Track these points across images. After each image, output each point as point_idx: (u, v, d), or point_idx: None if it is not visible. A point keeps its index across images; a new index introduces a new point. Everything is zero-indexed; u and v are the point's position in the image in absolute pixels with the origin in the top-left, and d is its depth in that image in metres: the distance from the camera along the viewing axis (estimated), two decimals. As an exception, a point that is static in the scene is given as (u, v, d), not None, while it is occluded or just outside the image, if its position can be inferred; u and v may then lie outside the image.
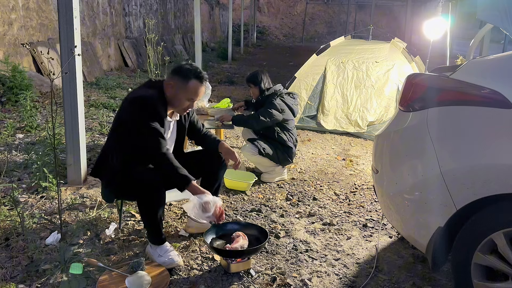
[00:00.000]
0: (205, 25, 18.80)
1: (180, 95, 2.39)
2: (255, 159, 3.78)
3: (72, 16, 3.10)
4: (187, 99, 2.41)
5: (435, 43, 6.18)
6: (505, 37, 11.72)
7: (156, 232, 2.40)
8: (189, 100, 2.42)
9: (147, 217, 2.38)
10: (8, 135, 4.45)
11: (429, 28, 5.87)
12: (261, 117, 3.67)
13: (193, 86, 2.38)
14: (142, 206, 2.36)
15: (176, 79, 2.40)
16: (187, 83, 2.37)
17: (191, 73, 2.39)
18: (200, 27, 8.64)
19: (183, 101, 2.41)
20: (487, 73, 2.02)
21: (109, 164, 2.42)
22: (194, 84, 2.38)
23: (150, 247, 2.45)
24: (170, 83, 2.40)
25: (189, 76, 2.38)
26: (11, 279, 2.20)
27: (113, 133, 2.47)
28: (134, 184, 2.30)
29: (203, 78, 2.41)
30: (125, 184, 2.38)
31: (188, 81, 2.37)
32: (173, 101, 2.42)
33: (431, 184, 1.98)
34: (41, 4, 7.16)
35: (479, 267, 1.91)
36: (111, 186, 2.46)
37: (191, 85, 2.38)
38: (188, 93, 2.39)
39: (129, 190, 2.40)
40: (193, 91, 2.39)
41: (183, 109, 2.48)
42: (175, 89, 2.39)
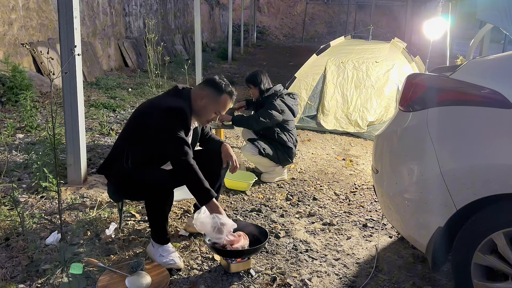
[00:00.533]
0: (205, 25, 18.80)
1: (209, 107, 2.46)
2: (255, 159, 3.78)
3: (72, 16, 3.10)
4: (215, 111, 2.48)
5: (435, 43, 6.18)
6: (505, 37, 11.72)
7: (162, 231, 2.41)
8: (216, 113, 2.49)
9: (154, 217, 2.39)
10: (8, 135, 4.45)
11: (429, 28, 5.87)
12: (261, 118, 3.67)
13: (224, 100, 2.47)
14: (151, 206, 2.37)
15: (208, 91, 2.46)
16: (220, 97, 2.45)
17: (225, 88, 2.47)
18: (200, 27, 8.64)
19: (211, 113, 2.48)
20: (487, 73, 2.02)
21: (121, 165, 2.40)
22: (225, 99, 2.47)
23: (152, 246, 2.44)
24: (203, 93, 2.45)
25: (223, 91, 2.46)
26: (11, 279, 2.20)
27: (132, 136, 2.45)
28: (145, 184, 2.31)
29: (233, 94, 2.51)
30: (134, 184, 2.38)
31: (221, 95, 2.45)
32: (201, 111, 2.47)
33: (431, 184, 1.98)
34: (41, 4, 7.16)
35: (479, 267, 1.91)
36: (119, 185, 2.46)
37: (223, 99, 2.46)
38: (218, 106, 2.47)
39: (138, 190, 2.41)
40: (223, 105, 2.48)
41: (207, 121, 2.54)
42: (206, 100, 2.44)
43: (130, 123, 2.51)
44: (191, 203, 3.17)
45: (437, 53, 9.36)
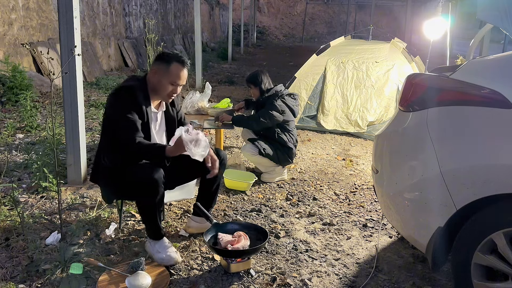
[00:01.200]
0: (205, 25, 18.81)
1: (163, 80, 2.42)
2: (255, 159, 3.78)
3: (72, 16, 3.10)
4: (170, 82, 2.43)
5: (435, 43, 6.17)
6: (505, 37, 11.72)
7: (155, 227, 2.43)
8: (172, 84, 2.44)
9: (145, 215, 2.42)
10: (8, 135, 4.45)
11: (429, 28, 5.87)
12: (261, 118, 3.67)
13: (175, 69, 2.41)
14: (141, 205, 2.40)
15: (158, 64, 2.44)
16: (169, 67, 2.41)
17: (172, 57, 2.44)
18: (200, 27, 8.66)
19: (167, 86, 2.43)
20: (487, 73, 2.02)
21: (102, 165, 2.46)
22: (175, 67, 2.42)
23: (149, 243, 2.47)
24: (154, 69, 2.45)
25: (171, 60, 2.42)
26: (11, 279, 2.20)
27: (102, 132, 2.53)
28: (131, 183, 2.31)
29: (185, 62, 2.45)
30: (122, 184, 2.39)
31: (170, 64, 2.41)
32: (157, 87, 2.45)
33: (431, 184, 1.98)
34: (41, 4, 7.16)
35: (479, 267, 1.91)
36: (109, 186, 2.48)
37: (173, 68, 2.41)
38: (170, 76, 2.42)
39: (127, 190, 2.42)
40: (175, 74, 2.42)
41: (167, 95, 2.48)
42: (158, 74, 2.43)
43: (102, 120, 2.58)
44: (191, 203, 3.17)
45: (437, 53, 9.37)
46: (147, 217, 2.42)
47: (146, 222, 2.45)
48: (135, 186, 2.31)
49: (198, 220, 2.72)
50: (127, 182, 2.34)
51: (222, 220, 3.03)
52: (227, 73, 11.48)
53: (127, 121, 2.32)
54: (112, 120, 2.40)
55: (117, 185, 2.42)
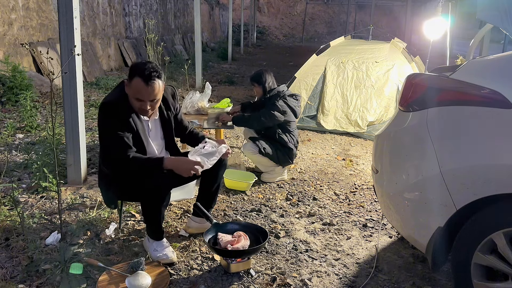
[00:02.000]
0: (205, 25, 18.81)
1: (130, 95, 2.29)
2: (256, 158, 3.78)
3: (72, 16, 3.10)
4: (135, 98, 2.27)
5: (435, 43, 6.17)
6: (505, 37, 11.72)
7: (157, 228, 2.45)
8: (137, 100, 2.26)
9: (149, 216, 2.42)
10: (8, 135, 4.45)
11: (429, 28, 5.87)
12: (262, 117, 3.67)
13: (136, 85, 2.23)
14: (147, 207, 2.40)
15: (128, 79, 2.31)
16: (131, 82, 2.25)
17: (136, 71, 2.24)
18: (200, 27, 8.66)
19: (133, 101, 2.29)
20: (487, 73, 2.02)
21: (103, 171, 2.47)
22: (137, 83, 2.22)
23: (147, 240, 2.49)
24: (126, 82, 2.33)
25: (133, 75, 2.24)
26: (11, 279, 2.20)
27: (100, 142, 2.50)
28: (139, 185, 2.32)
29: (149, 78, 2.21)
30: (126, 186, 2.40)
31: (132, 79, 2.25)
32: (131, 103, 2.33)
33: (431, 184, 1.98)
34: (41, 4, 7.16)
35: (479, 267, 1.91)
36: (111, 189, 2.48)
37: (134, 83, 2.24)
38: (134, 92, 2.26)
39: (132, 191, 2.43)
40: (136, 90, 2.24)
41: (139, 110, 2.33)
42: (127, 88, 2.31)
43: None
44: (191, 203, 3.17)
45: (437, 53, 9.37)
46: (150, 219, 2.43)
47: (148, 223, 2.46)
48: (141, 191, 2.32)
49: (198, 220, 2.72)
50: (133, 187, 2.36)
51: (222, 220, 3.03)
52: (227, 73, 11.48)
53: (116, 138, 2.27)
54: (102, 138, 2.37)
55: (122, 187, 2.43)
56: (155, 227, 2.44)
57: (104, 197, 2.58)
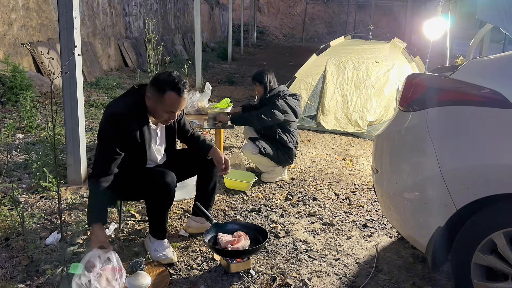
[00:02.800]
0: (205, 25, 18.80)
1: (157, 108, 2.28)
2: (256, 158, 3.78)
3: (72, 16, 3.10)
4: (165, 111, 2.28)
5: (435, 43, 6.17)
6: (505, 37, 11.72)
7: (160, 228, 2.46)
8: (168, 112, 2.29)
9: (156, 215, 2.43)
10: (8, 135, 4.45)
11: (429, 28, 5.87)
12: (263, 115, 3.66)
13: (169, 98, 2.23)
14: (152, 206, 2.40)
15: (152, 91, 2.27)
16: (163, 96, 2.23)
17: (167, 84, 2.23)
18: (200, 27, 8.66)
19: (162, 114, 2.30)
20: (487, 73, 2.02)
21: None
22: (170, 97, 2.23)
23: (149, 240, 2.50)
24: (148, 95, 2.29)
25: (164, 89, 2.23)
26: (11, 279, 2.20)
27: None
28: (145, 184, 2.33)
29: (181, 90, 2.24)
30: (128, 185, 2.40)
31: (164, 94, 2.23)
32: (153, 113, 2.33)
33: (431, 184, 1.98)
34: (41, 4, 7.16)
35: (479, 267, 1.91)
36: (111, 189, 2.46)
37: (167, 98, 2.23)
38: (165, 106, 2.26)
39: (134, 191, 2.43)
40: (170, 104, 2.25)
41: (164, 121, 2.37)
42: (152, 101, 2.27)
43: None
44: (191, 203, 3.17)
45: (437, 53, 9.37)
46: (156, 217, 2.44)
47: (153, 221, 2.46)
48: (147, 188, 2.33)
49: (198, 220, 2.72)
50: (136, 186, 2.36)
51: (222, 220, 3.03)
52: (227, 73, 11.48)
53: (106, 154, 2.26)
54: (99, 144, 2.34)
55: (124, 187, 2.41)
56: (159, 226, 2.45)
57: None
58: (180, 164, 2.65)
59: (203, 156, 2.66)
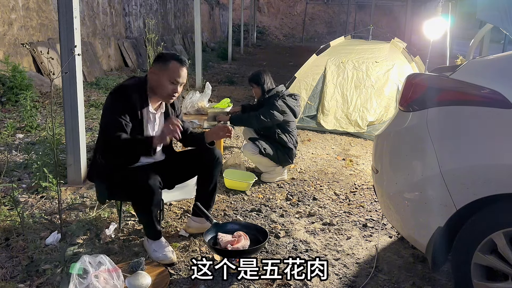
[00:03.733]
0: (205, 25, 18.80)
1: (162, 79, 2.42)
2: (256, 158, 3.78)
3: (72, 16, 3.10)
4: (169, 81, 2.42)
5: (435, 43, 6.18)
6: (505, 37, 11.72)
7: (152, 228, 2.45)
8: (172, 82, 2.42)
9: (142, 216, 2.46)
10: (8, 135, 4.45)
11: (429, 28, 5.87)
12: (262, 116, 3.66)
13: (173, 67, 2.41)
14: (136, 206, 2.44)
15: (156, 65, 2.45)
16: (168, 65, 2.41)
17: (170, 56, 2.45)
18: (200, 27, 8.66)
19: (167, 85, 2.42)
20: (487, 73, 2.02)
21: (98, 163, 2.47)
22: (174, 65, 2.41)
23: (146, 240, 2.50)
24: (153, 70, 2.45)
25: (169, 59, 2.43)
26: (11, 279, 2.20)
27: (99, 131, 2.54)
28: (128, 184, 2.32)
29: (183, 60, 2.45)
30: (117, 186, 2.41)
31: (168, 63, 2.41)
32: (158, 88, 2.44)
33: (431, 184, 1.98)
34: (41, 4, 7.16)
35: (479, 267, 1.91)
36: (103, 186, 2.49)
37: (171, 66, 2.41)
38: (169, 75, 2.41)
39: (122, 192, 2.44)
40: (174, 71, 2.41)
41: (168, 95, 2.46)
42: (157, 74, 2.43)
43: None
44: (191, 203, 3.17)
45: (437, 53, 9.37)
46: (143, 219, 2.46)
47: (143, 223, 2.49)
48: (130, 190, 2.33)
49: (198, 220, 2.72)
50: (123, 186, 2.37)
51: (222, 220, 3.02)
52: (227, 73, 11.48)
53: (116, 121, 2.32)
54: (104, 119, 2.43)
55: (112, 186, 2.43)
56: (149, 226, 2.44)
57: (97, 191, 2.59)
58: (180, 165, 2.65)
59: (203, 155, 2.67)
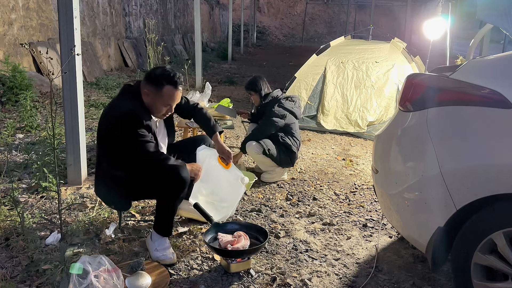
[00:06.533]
0: (205, 25, 18.80)
1: (157, 103, 2.38)
2: (259, 157, 3.77)
3: (72, 16, 3.10)
4: (163, 105, 2.39)
5: (435, 43, 6.18)
6: (505, 37, 11.72)
7: (168, 224, 2.46)
8: (166, 106, 2.41)
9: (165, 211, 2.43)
10: (8, 135, 4.45)
11: (429, 28, 5.87)
12: (265, 127, 3.75)
13: (167, 92, 2.36)
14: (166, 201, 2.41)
15: (149, 87, 2.37)
16: (161, 91, 2.34)
17: (164, 79, 2.35)
18: (200, 27, 8.66)
19: (160, 108, 2.40)
20: (487, 73, 2.02)
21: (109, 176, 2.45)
22: (167, 91, 2.35)
23: (150, 238, 2.49)
24: (145, 91, 2.38)
25: (162, 83, 2.34)
26: (11, 279, 2.20)
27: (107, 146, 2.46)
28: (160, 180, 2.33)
29: (177, 83, 2.37)
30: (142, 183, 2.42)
31: (162, 88, 2.34)
32: (152, 108, 2.41)
33: (431, 184, 1.98)
34: (41, 4, 7.16)
35: (479, 267, 1.91)
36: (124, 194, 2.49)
37: (165, 92, 2.35)
38: (164, 101, 2.37)
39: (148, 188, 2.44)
40: (168, 97, 2.37)
41: (162, 115, 2.47)
42: (150, 97, 2.38)
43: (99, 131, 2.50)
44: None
45: (437, 53, 9.37)
46: (166, 213, 2.43)
47: (162, 217, 2.45)
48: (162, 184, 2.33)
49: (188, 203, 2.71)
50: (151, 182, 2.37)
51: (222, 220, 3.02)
52: (227, 73, 11.48)
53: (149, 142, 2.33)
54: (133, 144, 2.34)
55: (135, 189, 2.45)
56: (167, 222, 2.45)
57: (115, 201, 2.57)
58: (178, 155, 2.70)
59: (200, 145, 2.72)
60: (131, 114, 2.33)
